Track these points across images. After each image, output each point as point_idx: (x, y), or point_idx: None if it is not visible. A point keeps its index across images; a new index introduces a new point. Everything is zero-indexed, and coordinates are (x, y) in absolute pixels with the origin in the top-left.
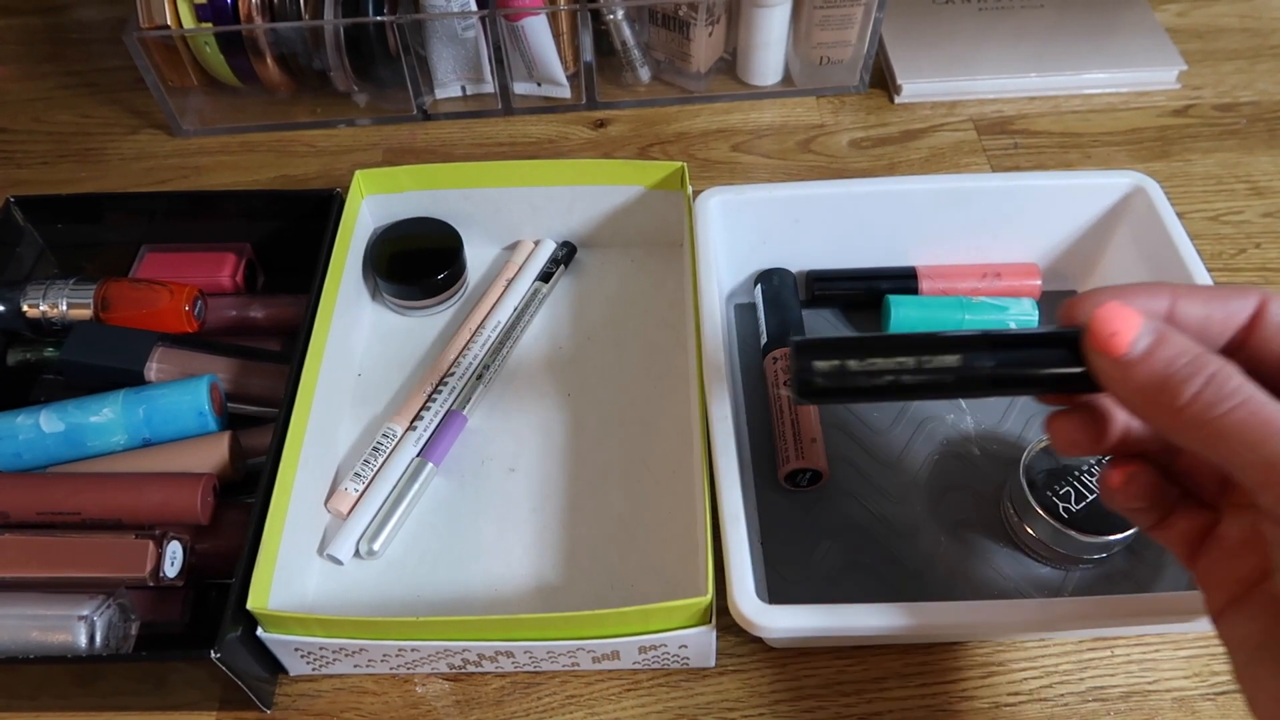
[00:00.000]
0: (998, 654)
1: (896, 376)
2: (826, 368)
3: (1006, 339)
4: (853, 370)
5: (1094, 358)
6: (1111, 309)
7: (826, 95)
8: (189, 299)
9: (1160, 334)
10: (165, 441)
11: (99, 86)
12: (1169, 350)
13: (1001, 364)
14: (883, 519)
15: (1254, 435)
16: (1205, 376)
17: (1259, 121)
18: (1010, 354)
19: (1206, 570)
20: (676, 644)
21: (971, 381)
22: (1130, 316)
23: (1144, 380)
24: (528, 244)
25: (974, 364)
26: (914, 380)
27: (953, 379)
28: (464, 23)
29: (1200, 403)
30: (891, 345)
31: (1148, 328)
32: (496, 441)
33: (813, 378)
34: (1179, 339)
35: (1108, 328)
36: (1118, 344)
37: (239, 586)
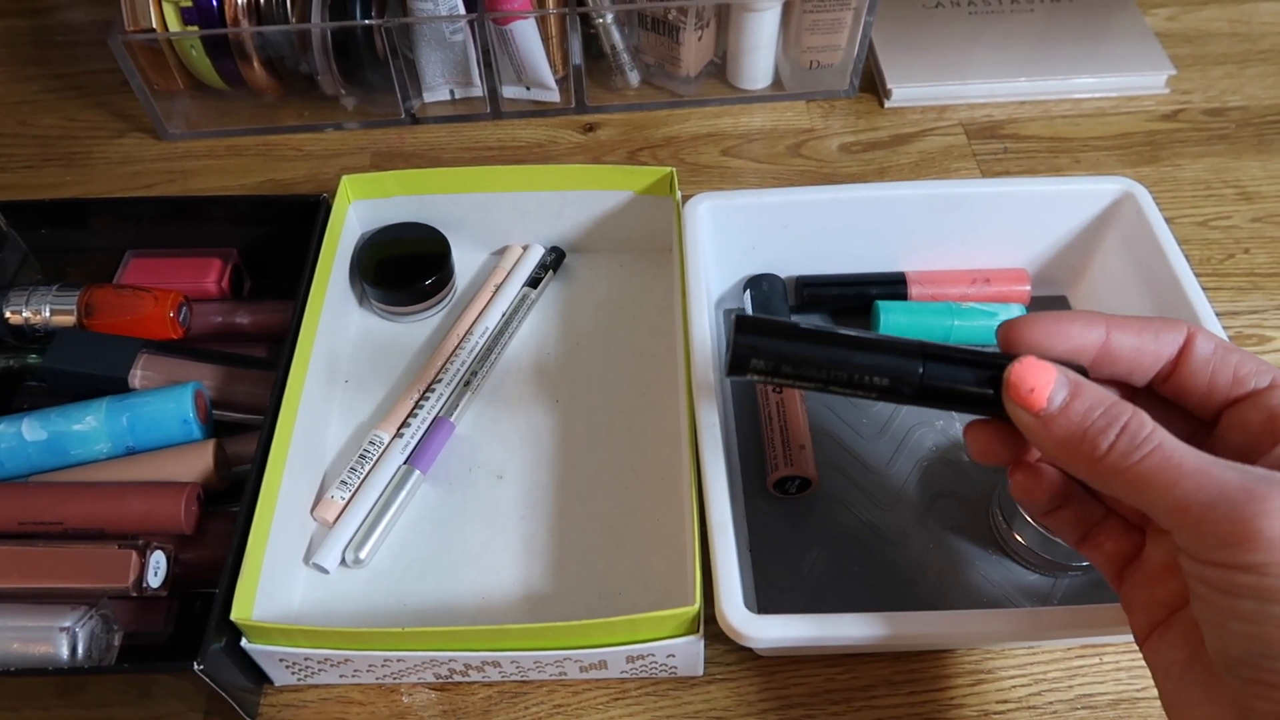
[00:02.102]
0: (986, 661)
1: (827, 375)
2: (760, 364)
3: (942, 356)
4: (785, 372)
5: (1016, 413)
6: (1027, 366)
7: (816, 99)
8: (174, 305)
9: (1074, 387)
10: (149, 450)
11: (85, 90)
12: (1084, 403)
13: (928, 389)
14: (872, 526)
15: (1165, 480)
16: (1119, 427)
17: (1248, 126)
18: (942, 375)
19: (1131, 593)
20: (664, 653)
21: (898, 395)
22: (1045, 371)
23: (1064, 433)
24: (516, 249)
25: (901, 383)
26: (843, 387)
27: (877, 394)
28: (452, 26)
29: (1116, 453)
30: (825, 354)
31: (1062, 382)
32: (484, 449)
33: (746, 361)
34: (1092, 391)
35: (1025, 384)
36: (1035, 400)
37: (223, 597)
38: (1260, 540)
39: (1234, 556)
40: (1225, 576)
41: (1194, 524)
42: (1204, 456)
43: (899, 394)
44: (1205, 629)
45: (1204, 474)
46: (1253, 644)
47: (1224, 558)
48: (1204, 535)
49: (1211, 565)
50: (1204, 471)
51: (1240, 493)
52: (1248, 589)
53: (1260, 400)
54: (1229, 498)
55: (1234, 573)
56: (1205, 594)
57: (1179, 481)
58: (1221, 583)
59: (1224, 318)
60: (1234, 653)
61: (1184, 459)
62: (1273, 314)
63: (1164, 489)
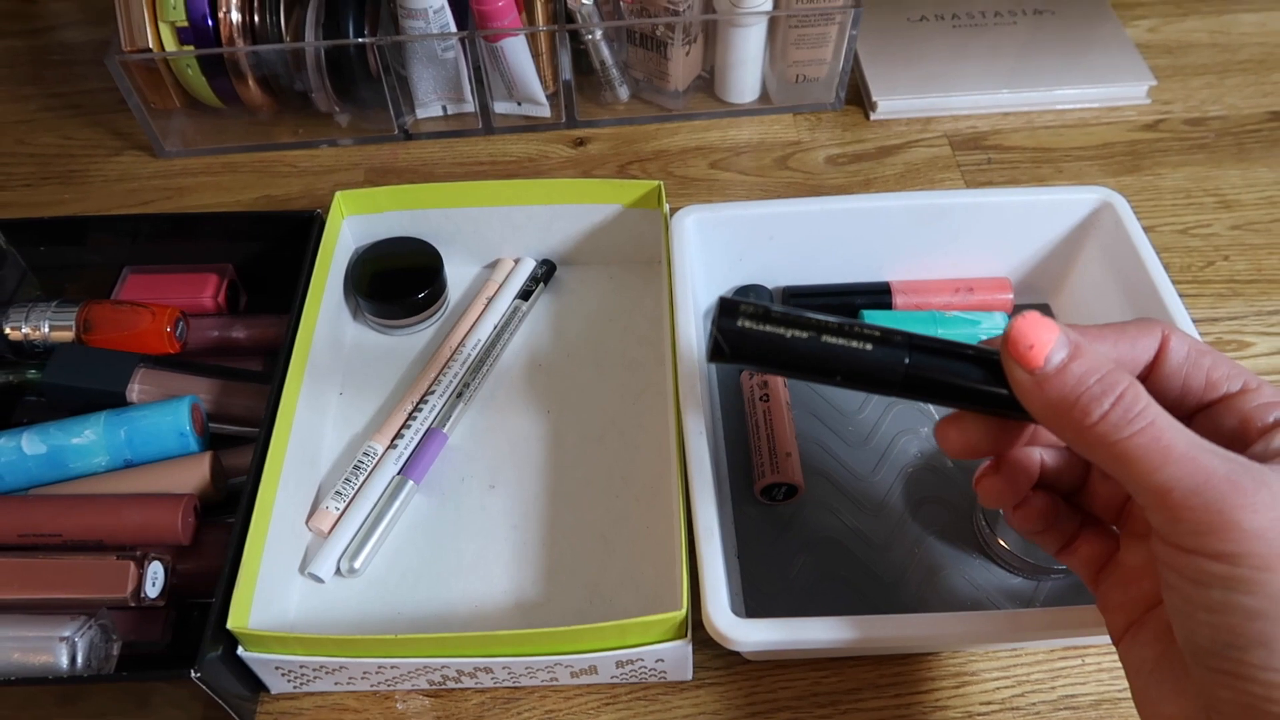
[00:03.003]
0: (971, 664)
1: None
2: (747, 347)
3: (933, 348)
4: (772, 357)
5: (1011, 369)
6: (1029, 321)
7: (803, 112)
8: (170, 320)
9: (1074, 348)
10: (147, 462)
11: (82, 108)
12: (1081, 367)
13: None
14: (858, 531)
15: (1152, 460)
16: (1114, 396)
17: (1227, 135)
18: (932, 363)
19: (1107, 594)
20: (653, 658)
21: (886, 385)
22: (1046, 329)
23: (1056, 395)
24: (508, 262)
25: (887, 369)
26: (831, 341)
27: (865, 383)
28: (444, 44)
29: (1107, 423)
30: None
31: (1062, 341)
32: (477, 459)
33: (727, 347)
34: (1093, 354)
35: (1025, 339)
36: (1033, 357)
37: (219, 606)
38: (1237, 531)
39: (1208, 545)
40: (1197, 564)
41: (1174, 509)
42: (1194, 440)
43: (884, 384)
44: (1174, 617)
45: (1191, 460)
46: (1219, 633)
47: (1198, 545)
48: (1182, 521)
49: (1184, 552)
50: (1191, 457)
51: (1225, 484)
52: (1218, 578)
53: (1233, 404)
54: (1213, 487)
55: (1206, 561)
56: (1176, 582)
57: (1165, 464)
58: (1193, 570)
59: (1204, 324)
60: (1200, 641)
61: (1174, 441)
62: (1252, 320)
63: (1149, 469)
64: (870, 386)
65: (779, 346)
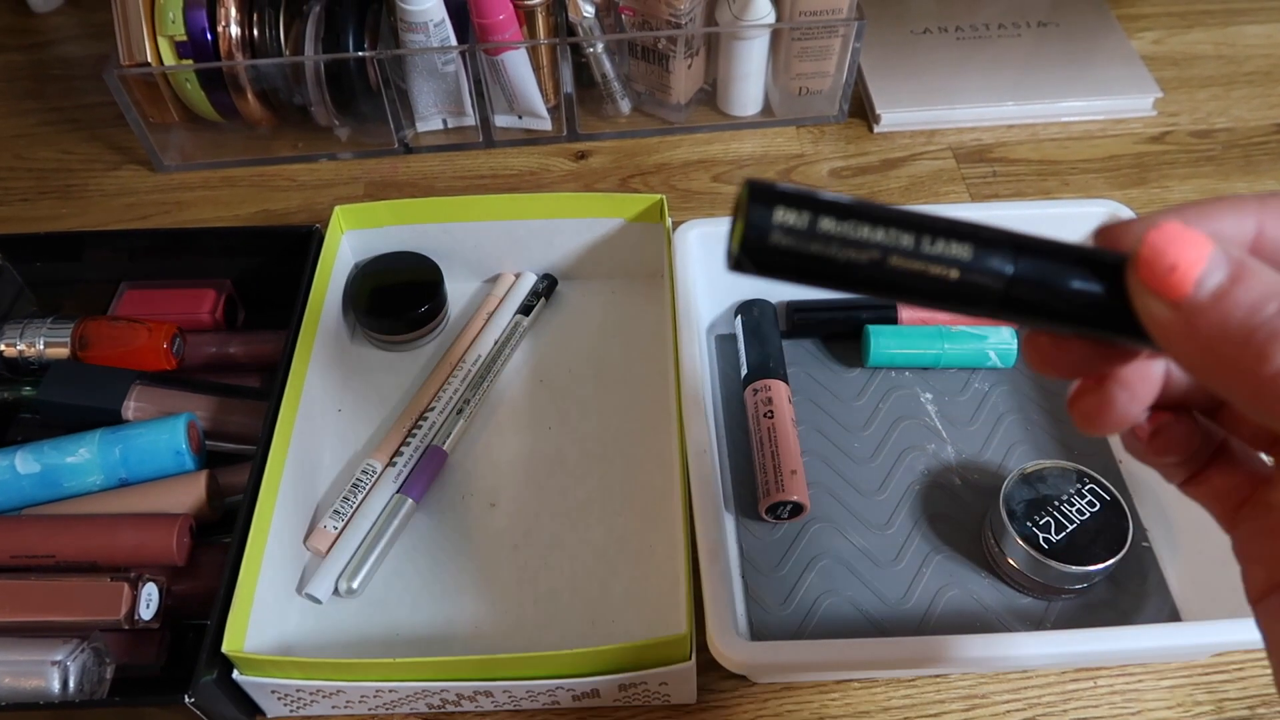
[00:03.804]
0: (981, 686)
1: (883, 256)
2: (790, 222)
3: (1039, 247)
4: (825, 232)
5: (1144, 300)
6: (1170, 231)
7: (806, 125)
8: (167, 336)
9: (1239, 267)
10: (142, 481)
11: (81, 123)
12: (1253, 291)
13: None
14: (864, 550)
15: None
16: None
17: (1234, 148)
18: (1037, 265)
19: (1247, 541)
20: (656, 681)
21: (976, 295)
22: (1197, 243)
23: (1214, 334)
24: (508, 277)
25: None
26: (903, 266)
27: (954, 282)
28: (444, 57)
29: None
30: (882, 215)
31: (1220, 258)
32: (477, 476)
33: (769, 237)
34: (1268, 274)
35: (1165, 258)
36: (1179, 282)
37: (214, 629)
38: None
39: None
40: None
41: None
42: None
43: (976, 297)
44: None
45: None
46: None
47: None
48: None
49: None
50: None
51: None
52: None
53: None
54: None
55: None
56: None
57: None
58: None
59: None
60: None
61: None
62: None
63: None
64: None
65: (826, 269)
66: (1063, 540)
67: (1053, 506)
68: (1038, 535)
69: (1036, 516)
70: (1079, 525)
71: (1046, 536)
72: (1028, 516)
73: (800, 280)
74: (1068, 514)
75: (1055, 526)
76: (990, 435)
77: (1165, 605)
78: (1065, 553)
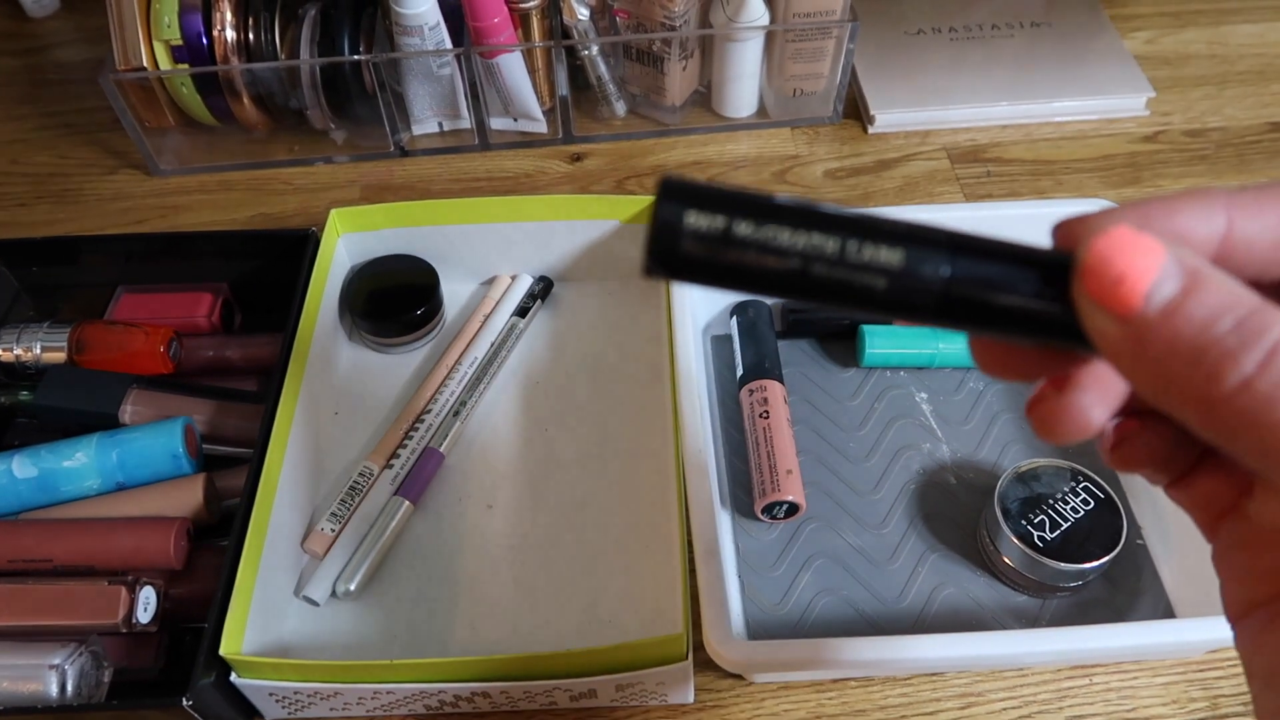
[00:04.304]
0: (977, 684)
1: (804, 264)
2: (703, 228)
3: (977, 246)
4: (741, 238)
5: (1089, 313)
6: (1116, 240)
7: (801, 126)
8: (164, 340)
9: (1193, 277)
10: (139, 485)
11: (77, 127)
12: (1206, 304)
13: (959, 280)
14: (860, 549)
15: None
16: (1264, 351)
17: (1227, 147)
18: (977, 268)
19: (1227, 555)
20: (653, 681)
21: (909, 301)
22: (1148, 250)
23: (1163, 351)
24: (504, 279)
25: (919, 275)
26: (826, 275)
27: (885, 286)
28: (439, 60)
29: (1253, 394)
30: (805, 217)
31: (1173, 268)
32: (474, 478)
33: (679, 243)
34: (1223, 284)
35: (1112, 268)
36: (1127, 295)
37: (212, 632)
38: None
39: None
40: None
41: None
42: None
43: (908, 305)
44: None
45: None
46: None
47: None
48: None
49: None
50: None
51: None
52: None
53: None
54: None
55: None
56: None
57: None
58: None
59: None
60: None
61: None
62: None
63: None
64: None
65: (745, 278)
66: (1057, 538)
67: (1047, 505)
68: (1032, 533)
69: (1031, 515)
70: (1073, 523)
71: (1041, 535)
72: (1022, 515)
73: (722, 287)
74: (1062, 512)
75: (1050, 525)
76: (985, 434)
77: (1160, 602)
78: (1060, 551)
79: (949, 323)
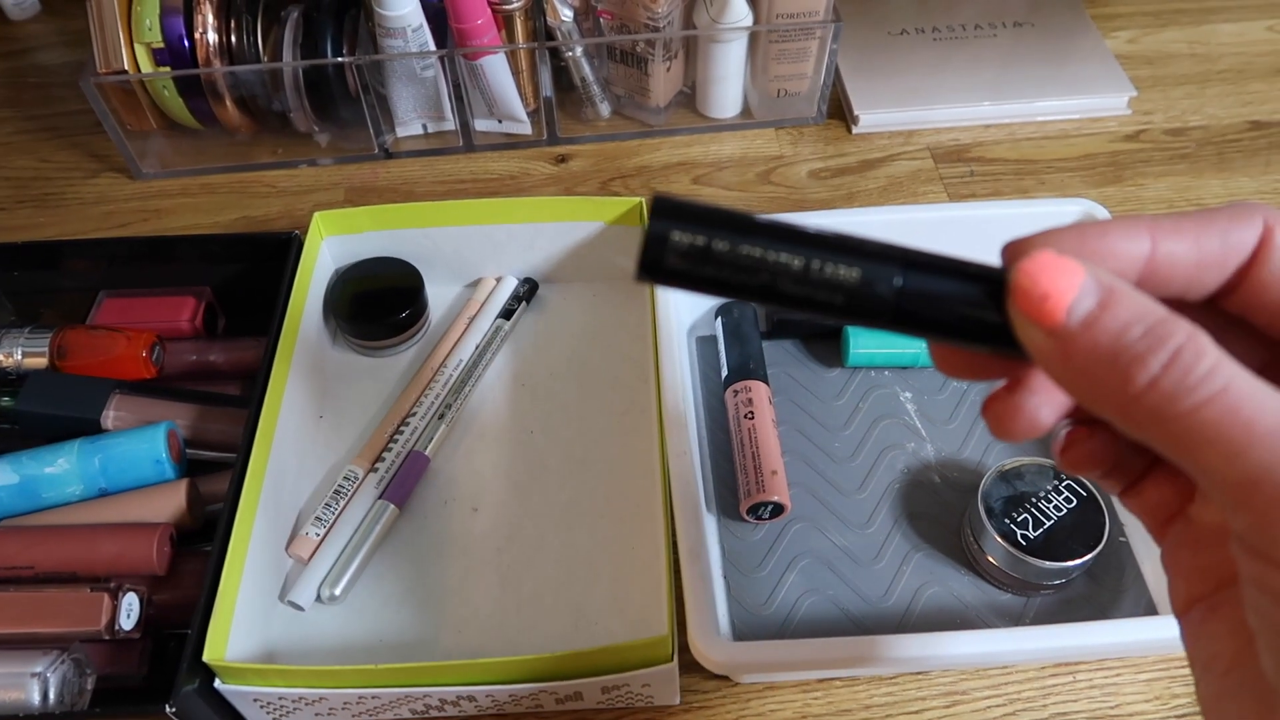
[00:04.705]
0: (961, 682)
1: (773, 279)
2: (685, 244)
3: (926, 263)
4: (718, 255)
5: (1022, 327)
6: (1041, 263)
7: (785, 126)
8: (147, 345)
9: (1108, 293)
10: (122, 491)
11: (58, 131)
12: (1119, 317)
13: (909, 293)
14: (845, 549)
15: (1229, 441)
16: (1167, 354)
17: (1208, 145)
18: (926, 283)
19: (1173, 553)
20: (639, 683)
21: (866, 308)
22: (1066, 271)
23: (1085, 358)
24: (489, 281)
25: (875, 289)
26: (792, 289)
27: (843, 299)
28: (423, 62)
29: (1159, 392)
30: (776, 237)
31: (1090, 286)
32: (459, 481)
33: (665, 254)
34: (1134, 299)
35: (1037, 288)
36: (1051, 310)
37: (195, 638)
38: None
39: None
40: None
41: (1265, 508)
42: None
43: (866, 312)
44: (1264, 648)
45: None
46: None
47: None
48: (1274, 525)
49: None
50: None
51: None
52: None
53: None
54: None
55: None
56: (1268, 607)
57: (1250, 446)
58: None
59: None
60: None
61: (1260, 412)
62: None
63: (1226, 454)
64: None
65: (724, 288)
66: (1040, 537)
67: (1030, 503)
68: (1016, 532)
69: (1015, 513)
70: (1056, 521)
71: (1024, 533)
72: (1006, 514)
73: (707, 293)
74: (1045, 510)
75: (1033, 523)
76: (969, 433)
77: (1142, 599)
78: (1043, 549)
79: (904, 330)
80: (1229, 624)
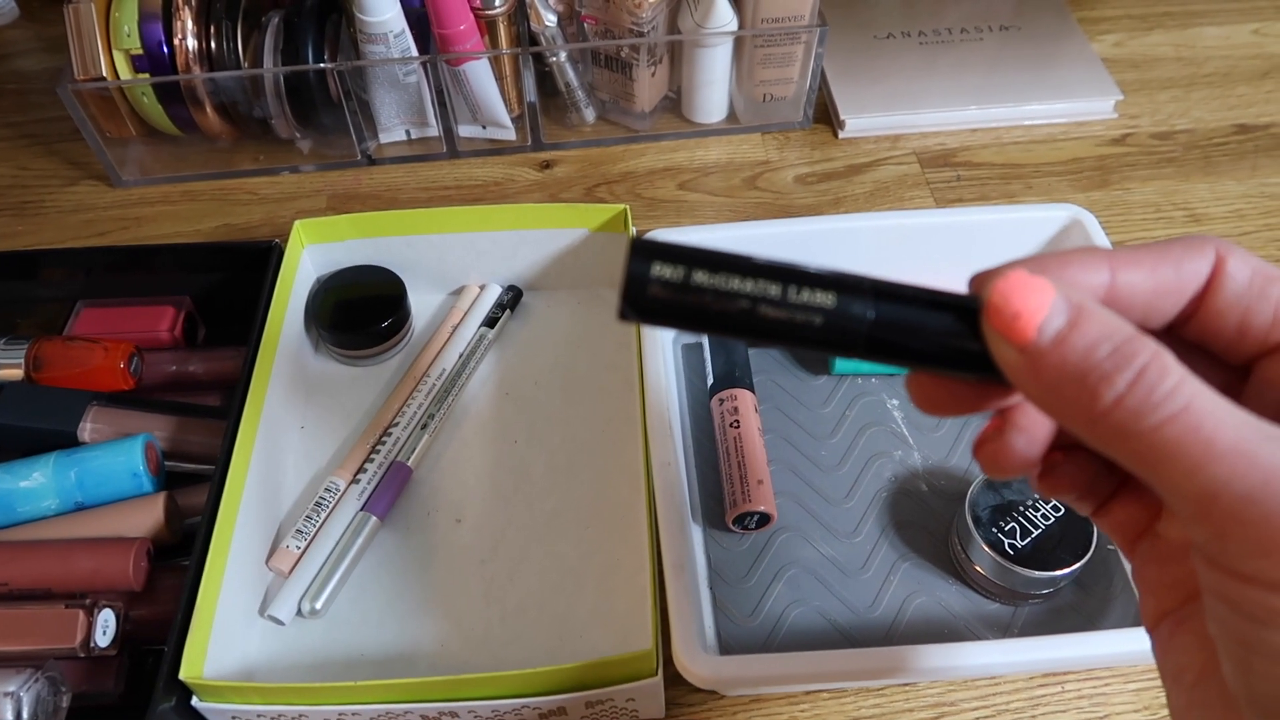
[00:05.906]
0: (949, 694)
1: (753, 306)
2: (669, 276)
3: (900, 293)
4: (699, 287)
5: (995, 344)
6: (1014, 283)
7: (771, 131)
8: (124, 356)
9: (1078, 312)
10: (99, 505)
11: (37, 138)
12: (1086, 336)
13: (883, 324)
14: (832, 559)
15: (1189, 456)
16: (1133, 372)
17: (1194, 149)
18: (899, 312)
19: (1142, 569)
20: (623, 697)
21: (843, 339)
22: (1039, 291)
23: (1055, 375)
24: (473, 289)
25: (850, 315)
26: (771, 315)
27: (820, 328)
28: (405, 68)
29: (1124, 409)
30: (755, 270)
31: (1060, 305)
32: (442, 492)
33: (635, 315)
34: (1102, 318)
35: (1009, 306)
36: (1023, 328)
37: (172, 655)
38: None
39: (1269, 570)
40: (1255, 596)
41: (1221, 521)
42: (1249, 423)
43: (842, 340)
44: (1224, 657)
45: (1244, 454)
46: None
47: (1256, 570)
48: (1232, 538)
49: (1238, 579)
50: (1245, 451)
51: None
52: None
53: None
54: (1276, 492)
55: (1266, 592)
56: (1226, 616)
57: (1208, 461)
58: (1249, 604)
59: None
60: (1262, 693)
61: (1219, 429)
62: None
63: (1186, 469)
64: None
65: (704, 318)
66: (1028, 546)
67: (1018, 512)
68: (1003, 541)
69: (1002, 522)
70: (1044, 530)
71: (1012, 542)
72: (993, 523)
73: (686, 328)
74: (1033, 519)
75: (1020, 532)
76: (956, 441)
77: (1131, 608)
78: (1031, 558)
79: (880, 357)
80: (1196, 636)
